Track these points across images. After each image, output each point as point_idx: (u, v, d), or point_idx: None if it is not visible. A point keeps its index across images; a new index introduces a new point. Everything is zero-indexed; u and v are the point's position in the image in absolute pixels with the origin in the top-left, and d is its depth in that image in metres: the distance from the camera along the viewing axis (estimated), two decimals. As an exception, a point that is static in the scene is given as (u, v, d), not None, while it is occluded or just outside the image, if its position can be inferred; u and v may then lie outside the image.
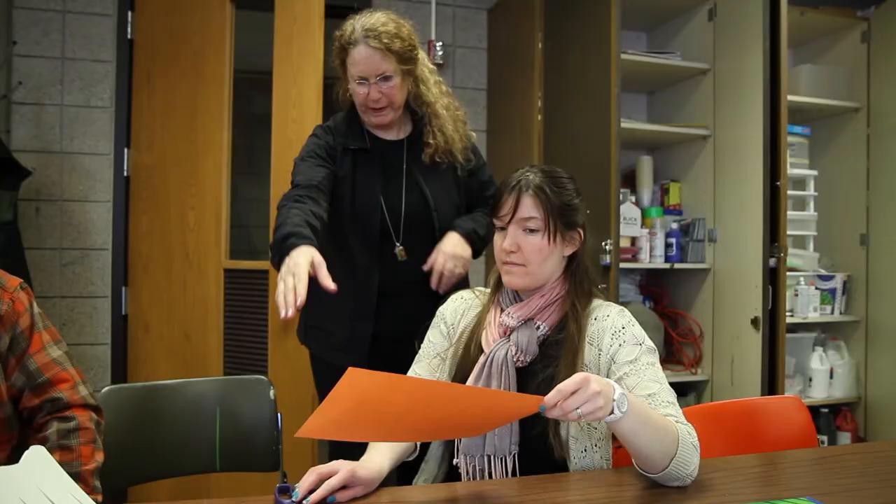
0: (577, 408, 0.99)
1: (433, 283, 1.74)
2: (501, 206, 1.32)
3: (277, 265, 1.37)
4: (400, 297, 1.78)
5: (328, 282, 1.31)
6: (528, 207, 1.30)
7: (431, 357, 1.42)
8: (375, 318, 1.76)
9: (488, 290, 1.43)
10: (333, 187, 1.72)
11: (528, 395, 1.04)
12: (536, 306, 1.32)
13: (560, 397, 0.99)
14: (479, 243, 1.84)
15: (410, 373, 1.43)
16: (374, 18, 1.68)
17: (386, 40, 1.65)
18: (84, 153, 2.80)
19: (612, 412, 1.02)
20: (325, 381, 1.89)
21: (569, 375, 1.03)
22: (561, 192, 1.32)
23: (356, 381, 0.95)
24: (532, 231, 1.30)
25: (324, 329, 1.84)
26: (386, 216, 1.77)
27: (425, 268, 1.75)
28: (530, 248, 1.30)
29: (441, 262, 1.74)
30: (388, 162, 1.80)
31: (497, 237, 1.34)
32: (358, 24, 1.67)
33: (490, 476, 1.26)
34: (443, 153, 1.81)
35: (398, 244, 1.78)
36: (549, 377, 1.25)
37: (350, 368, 0.94)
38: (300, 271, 1.28)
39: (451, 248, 1.76)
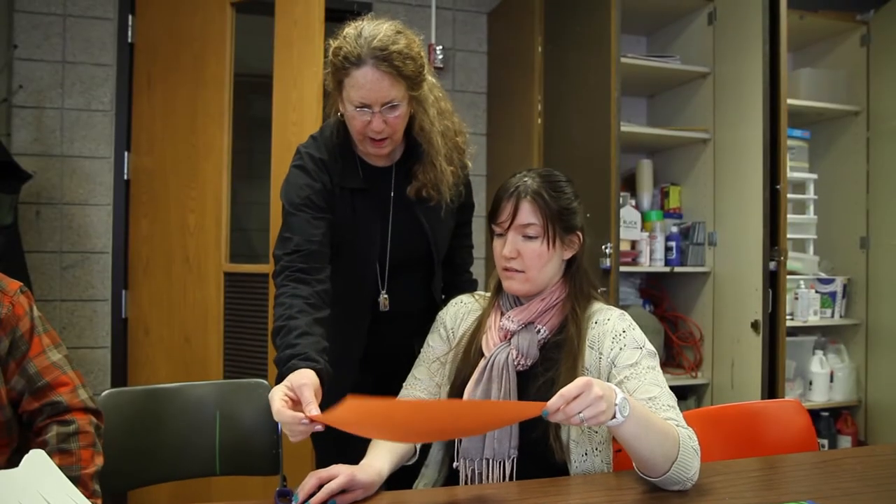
0: (580, 412, 0.99)
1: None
2: (500, 212, 1.32)
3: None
4: (386, 333, 1.64)
5: (310, 407, 1.08)
6: (527, 213, 1.30)
7: (431, 361, 1.42)
8: (359, 367, 1.62)
9: (488, 295, 1.43)
10: (332, 237, 1.52)
11: (529, 402, 1.04)
12: (536, 310, 1.32)
13: (563, 402, 0.99)
14: None
15: (410, 378, 1.43)
16: (381, 32, 1.39)
17: (398, 63, 1.38)
18: (84, 157, 2.80)
19: (614, 416, 1.02)
20: None
21: (569, 379, 1.03)
22: (559, 197, 1.32)
23: (355, 407, 0.96)
24: (531, 237, 1.30)
25: None
26: (377, 261, 1.59)
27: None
28: (530, 255, 1.30)
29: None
30: (380, 195, 1.59)
31: (496, 243, 1.35)
32: (362, 39, 1.38)
33: (490, 480, 1.26)
34: (431, 188, 1.58)
35: (383, 292, 1.60)
36: (550, 381, 1.25)
37: (349, 396, 0.94)
38: (273, 408, 1.11)
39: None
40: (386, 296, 1.60)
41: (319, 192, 1.49)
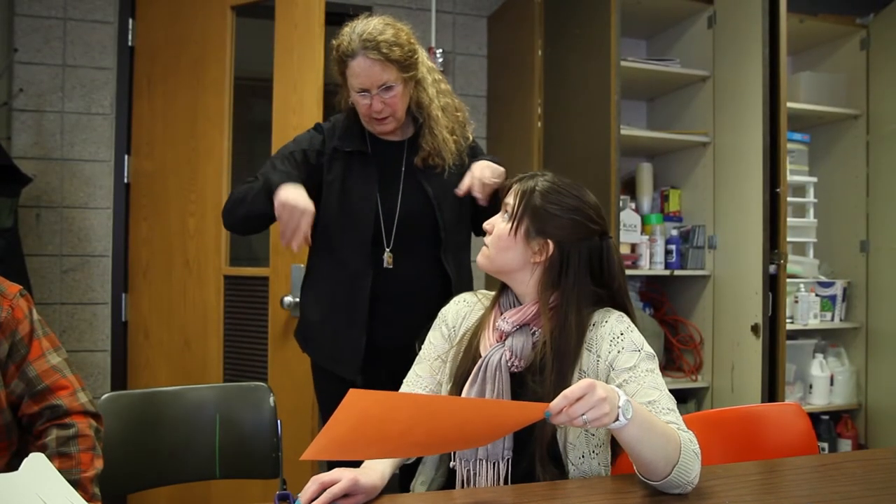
0: (583, 414, 0.99)
1: (475, 191, 1.72)
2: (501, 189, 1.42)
3: (263, 190, 1.63)
4: (395, 306, 1.77)
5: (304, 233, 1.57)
6: (512, 196, 1.35)
7: (433, 359, 1.41)
8: (370, 327, 1.74)
9: (491, 294, 1.43)
10: (318, 192, 1.74)
11: (532, 403, 1.04)
12: (531, 313, 1.31)
13: (566, 403, 0.99)
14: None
15: (411, 374, 1.42)
16: (370, 26, 1.64)
17: (385, 50, 1.62)
18: (84, 160, 2.80)
19: (617, 419, 1.02)
20: (322, 388, 1.90)
21: (566, 382, 1.03)
22: (548, 197, 1.31)
23: (358, 402, 0.95)
24: (505, 217, 1.35)
25: (319, 337, 1.83)
26: (381, 220, 1.75)
27: (459, 191, 1.73)
28: (496, 232, 1.35)
29: (477, 172, 1.73)
30: (388, 164, 1.78)
31: None
32: (355, 33, 1.64)
33: (486, 480, 1.25)
34: (436, 156, 1.77)
35: (387, 250, 1.76)
36: (546, 383, 1.25)
37: (351, 390, 0.94)
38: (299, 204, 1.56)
39: (482, 164, 1.76)
40: (390, 254, 1.76)
41: (304, 151, 1.75)
